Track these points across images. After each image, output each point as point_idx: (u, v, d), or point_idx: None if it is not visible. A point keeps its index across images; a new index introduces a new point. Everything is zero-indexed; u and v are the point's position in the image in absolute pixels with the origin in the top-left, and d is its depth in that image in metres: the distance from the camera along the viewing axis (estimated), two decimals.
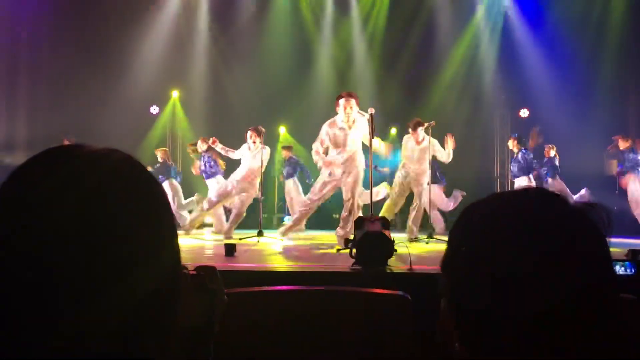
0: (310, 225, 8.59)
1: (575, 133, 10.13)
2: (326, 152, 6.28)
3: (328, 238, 6.96)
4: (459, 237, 0.81)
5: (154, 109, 11.67)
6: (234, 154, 7.72)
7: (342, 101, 6.10)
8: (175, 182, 9.07)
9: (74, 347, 0.63)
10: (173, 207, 2.94)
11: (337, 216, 6.63)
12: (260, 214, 7.50)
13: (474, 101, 11.36)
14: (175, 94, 11.77)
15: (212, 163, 8.47)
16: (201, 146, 8.58)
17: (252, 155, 7.47)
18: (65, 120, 10.38)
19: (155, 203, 0.72)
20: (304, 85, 11.70)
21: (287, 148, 10.03)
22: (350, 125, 6.09)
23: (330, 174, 6.15)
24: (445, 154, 7.23)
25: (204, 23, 12.32)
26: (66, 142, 8.93)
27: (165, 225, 0.72)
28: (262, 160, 7.33)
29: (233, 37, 11.98)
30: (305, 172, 9.53)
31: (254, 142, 7.43)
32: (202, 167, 8.57)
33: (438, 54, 11.73)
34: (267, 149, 7.53)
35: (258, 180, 7.56)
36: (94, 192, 0.66)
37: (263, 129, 7.50)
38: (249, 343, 1.57)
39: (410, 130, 7.27)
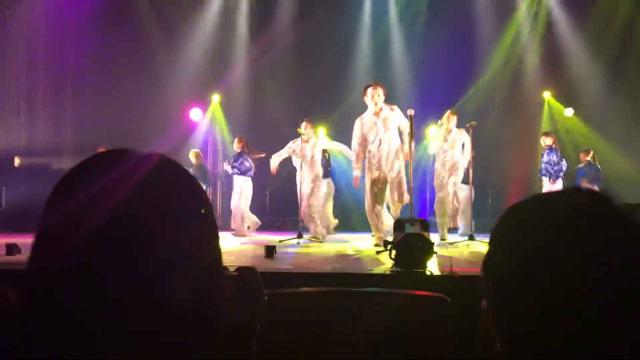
0: (351, 227, 8.59)
1: (626, 133, 9.81)
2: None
3: (367, 239, 6.95)
4: (501, 237, 0.80)
5: (196, 114, 11.88)
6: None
7: (369, 90, 6.23)
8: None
9: (119, 349, 0.64)
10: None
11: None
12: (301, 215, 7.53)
13: (516, 100, 11.14)
14: (216, 99, 11.94)
15: (248, 162, 8.57)
16: (236, 145, 8.77)
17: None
18: (109, 126, 10.68)
19: (197, 205, 0.73)
20: (343, 87, 11.69)
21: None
22: (378, 112, 6.15)
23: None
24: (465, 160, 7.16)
25: (243, 27, 12.47)
26: (101, 150, 9.28)
27: (206, 226, 0.74)
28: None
29: (273, 40, 12.08)
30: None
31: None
32: (234, 164, 8.67)
33: (478, 53, 11.55)
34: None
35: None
36: (138, 194, 0.67)
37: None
38: (289, 343, 1.59)
39: (443, 120, 7.21)
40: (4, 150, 10.21)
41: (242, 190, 8.54)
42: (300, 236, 6.94)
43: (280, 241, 6.74)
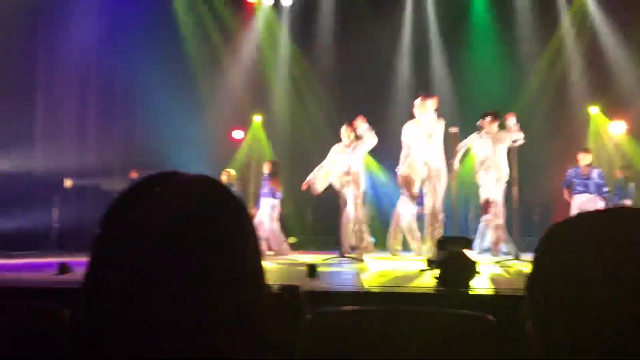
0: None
1: None
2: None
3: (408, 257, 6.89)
4: (545, 256, 0.79)
5: (238, 134, 12.06)
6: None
7: (417, 101, 6.11)
8: None
9: None
10: None
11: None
12: (342, 233, 7.50)
13: (561, 116, 10.91)
14: (257, 119, 12.13)
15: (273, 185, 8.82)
16: (265, 168, 9.02)
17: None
18: (155, 147, 11.00)
19: (241, 225, 0.76)
20: (386, 103, 11.71)
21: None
22: (424, 124, 6.06)
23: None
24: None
25: (284, 46, 12.68)
26: (134, 173, 9.60)
27: (250, 245, 0.76)
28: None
29: (315, 58, 12.23)
30: None
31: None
32: (263, 189, 8.91)
33: (521, 69, 11.39)
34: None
35: None
36: (186, 215, 0.70)
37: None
38: None
39: (486, 122, 6.98)
40: (56, 172, 10.60)
41: (272, 211, 8.72)
42: (342, 255, 6.93)
43: (323, 259, 6.75)
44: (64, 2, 10.84)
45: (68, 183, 10.77)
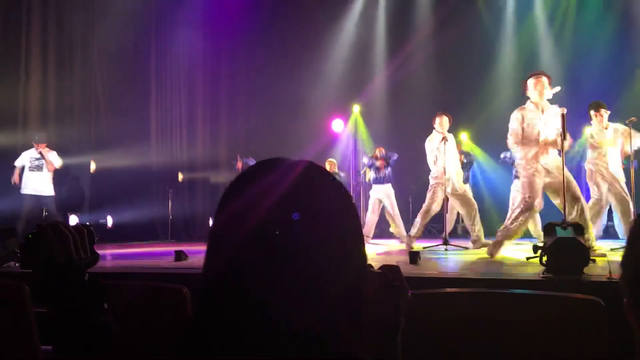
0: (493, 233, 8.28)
1: None
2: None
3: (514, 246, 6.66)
4: (637, 235, 0.79)
5: (338, 125, 12.20)
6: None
7: (531, 81, 5.65)
8: None
9: (283, 341, 0.71)
10: None
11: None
12: (446, 222, 7.42)
13: None
14: (356, 109, 12.19)
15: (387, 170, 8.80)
16: (379, 154, 8.98)
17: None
18: (258, 140, 11.40)
19: (344, 204, 0.79)
20: (486, 89, 11.36)
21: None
22: (544, 107, 5.53)
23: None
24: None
25: (381, 38, 12.63)
26: (239, 164, 10.00)
27: (351, 226, 0.79)
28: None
29: (412, 49, 12.09)
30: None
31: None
32: (375, 175, 8.90)
33: (634, 50, 10.57)
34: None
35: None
36: (290, 196, 0.75)
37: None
38: (434, 342, 1.62)
39: (592, 112, 6.54)
40: (170, 167, 11.27)
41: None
42: (446, 242, 6.85)
43: (424, 247, 6.72)
44: (172, 10, 11.47)
45: (180, 177, 11.44)
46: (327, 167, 9.76)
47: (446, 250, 6.68)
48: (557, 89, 5.38)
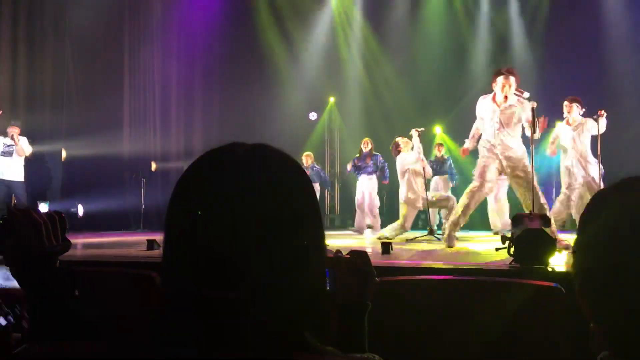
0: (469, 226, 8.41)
1: None
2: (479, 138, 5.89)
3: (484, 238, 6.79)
4: (587, 220, 0.82)
5: (313, 116, 12.21)
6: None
7: (500, 80, 5.63)
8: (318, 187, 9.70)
9: (253, 325, 0.72)
10: None
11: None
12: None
13: None
14: (332, 100, 12.21)
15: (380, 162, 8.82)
16: (365, 147, 8.88)
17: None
18: (232, 130, 11.34)
19: (300, 187, 0.80)
20: (459, 83, 11.46)
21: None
22: (505, 105, 5.59)
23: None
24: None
25: (357, 28, 12.65)
26: None
27: (308, 205, 0.79)
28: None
29: (386, 40, 12.14)
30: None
31: None
32: (363, 165, 8.85)
33: (607, 42, 10.76)
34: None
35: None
36: (250, 183, 0.76)
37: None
38: (404, 328, 1.66)
39: (565, 107, 6.61)
40: (144, 156, 11.15)
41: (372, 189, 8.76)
42: (431, 232, 7.10)
43: (406, 240, 6.86)
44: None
45: (154, 166, 11.33)
46: (304, 161, 9.74)
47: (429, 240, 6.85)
48: (527, 95, 5.44)
